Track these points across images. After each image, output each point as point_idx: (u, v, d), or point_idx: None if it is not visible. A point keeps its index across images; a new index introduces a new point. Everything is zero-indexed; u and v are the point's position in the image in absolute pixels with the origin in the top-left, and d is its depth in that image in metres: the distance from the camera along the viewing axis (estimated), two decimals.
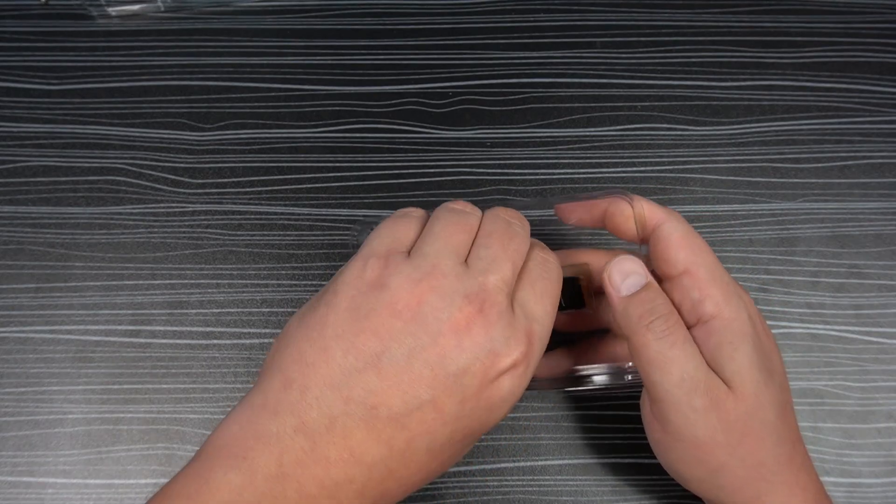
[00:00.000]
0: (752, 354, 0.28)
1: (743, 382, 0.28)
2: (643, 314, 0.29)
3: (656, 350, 0.28)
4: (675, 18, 0.47)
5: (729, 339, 0.28)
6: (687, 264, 0.30)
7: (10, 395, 0.37)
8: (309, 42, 0.46)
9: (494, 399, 0.26)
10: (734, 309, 0.29)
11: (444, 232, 0.28)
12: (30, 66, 0.44)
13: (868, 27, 0.47)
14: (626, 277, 0.30)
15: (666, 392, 0.28)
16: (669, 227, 0.30)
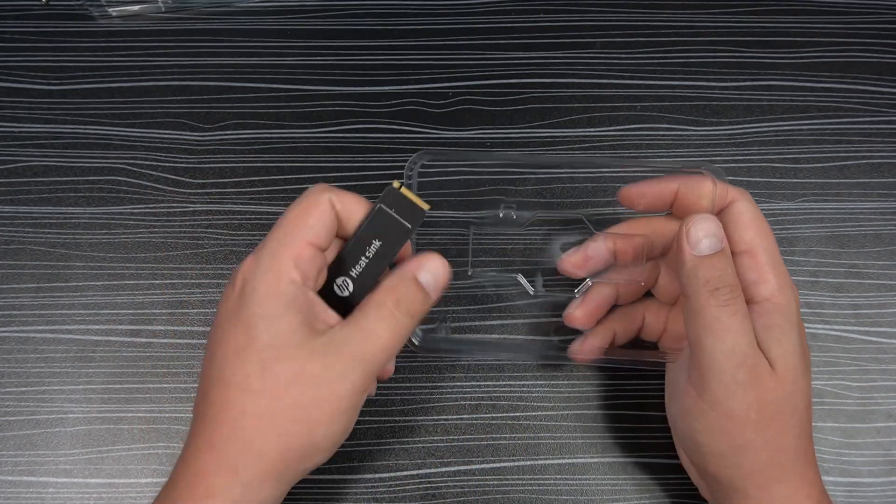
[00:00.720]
0: (797, 343, 0.29)
1: (786, 366, 0.29)
2: (711, 278, 0.29)
3: (715, 317, 0.29)
4: (674, 19, 0.47)
5: (779, 322, 0.29)
6: (751, 245, 0.30)
7: (11, 394, 0.37)
8: (309, 42, 0.46)
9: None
10: (786, 296, 0.30)
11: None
12: (30, 67, 0.44)
13: (867, 27, 0.47)
14: (706, 236, 0.30)
15: (714, 360, 0.29)
16: (741, 206, 0.31)
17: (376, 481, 0.36)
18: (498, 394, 0.38)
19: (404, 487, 0.36)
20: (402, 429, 0.37)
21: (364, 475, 0.37)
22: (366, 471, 0.37)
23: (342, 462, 0.37)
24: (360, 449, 0.37)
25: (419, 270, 0.29)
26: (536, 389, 0.38)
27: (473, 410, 0.38)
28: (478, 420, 0.38)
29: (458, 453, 0.37)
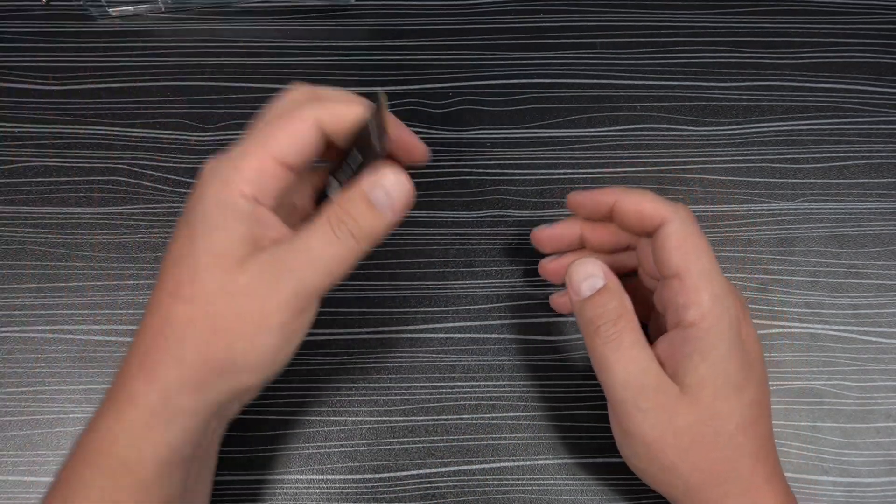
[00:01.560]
0: (719, 369, 0.29)
1: (700, 393, 0.28)
2: (594, 317, 0.30)
3: (602, 353, 0.30)
4: (674, 19, 0.47)
5: (700, 348, 0.29)
6: (679, 268, 0.30)
7: (12, 394, 0.37)
8: (309, 42, 0.46)
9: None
10: (714, 319, 0.29)
11: None
12: (31, 67, 0.44)
13: (867, 28, 0.47)
14: (584, 279, 0.31)
15: (612, 393, 0.30)
16: (669, 228, 0.30)
17: (376, 481, 0.36)
18: (498, 394, 0.38)
19: (404, 487, 0.36)
20: (401, 429, 0.37)
21: (364, 475, 0.37)
22: (366, 471, 0.37)
23: (342, 462, 0.37)
24: (361, 449, 0.37)
25: (370, 186, 0.27)
26: (536, 389, 0.38)
27: (473, 410, 0.38)
28: (478, 420, 0.38)
29: (458, 453, 0.37)
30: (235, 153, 0.27)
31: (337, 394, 0.38)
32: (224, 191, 0.26)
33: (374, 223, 0.27)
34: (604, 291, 0.30)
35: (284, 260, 0.26)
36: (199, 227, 0.26)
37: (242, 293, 0.26)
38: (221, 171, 0.26)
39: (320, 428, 0.37)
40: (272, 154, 0.26)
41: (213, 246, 0.26)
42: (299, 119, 0.26)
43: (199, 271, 0.26)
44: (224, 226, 0.26)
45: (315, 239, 0.26)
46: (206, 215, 0.26)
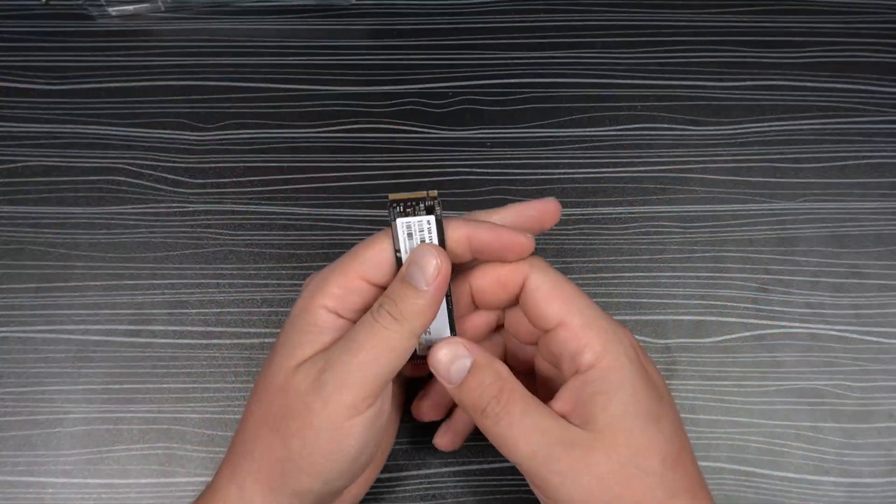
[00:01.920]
0: (629, 402, 0.27)
1: (616, 432, 0.27)
2: (475, 401, 0.28)
3: (495, 433, 0.28)
4: (675, 18, 0.47)
5: (605, 388, 0.27)
6: (560, 317, 0.28)
7: (11, 394, 0.37)
8: (309, 42, 0.46)
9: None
10: (612, 356, 0.27)
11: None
12: (30, 66, 0.44)
13: (868, 27, 0.47)
14: (451, 364, 0.28)
15: (522, 466, 0.27)
16: (534, 280, 0.29)
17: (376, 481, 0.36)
18: None
19: (405, 488, 0.36)
20: (401, 429, 0.37)
21: None
22: None
23: None
24: None
25: (405, 266, 0.27)
26: None
27: None
28: None
29: (459, 453, 0.37)
30: (325, 271, 0.29)
31: None
32: (309, 303, 0.28)
33: (412, 300, 0.27)
34: (475, 371, 0.28)
35: (330, 359, 0.27)
36: (283, 334, 0.29)
37: (293, 392, 0.27)
38: (311, 285, 0.29)
39: None
40: (356, 270, 0.28)
41: (288, 350, 0.28)
42: (380, 241, 0.28)
43: (271, 368, 0.28)
44: (301, 335, 0.28)
45: (359, 331, 0.27)
46: (291, 324, 0.28)
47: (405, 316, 0.27)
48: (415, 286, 0.27)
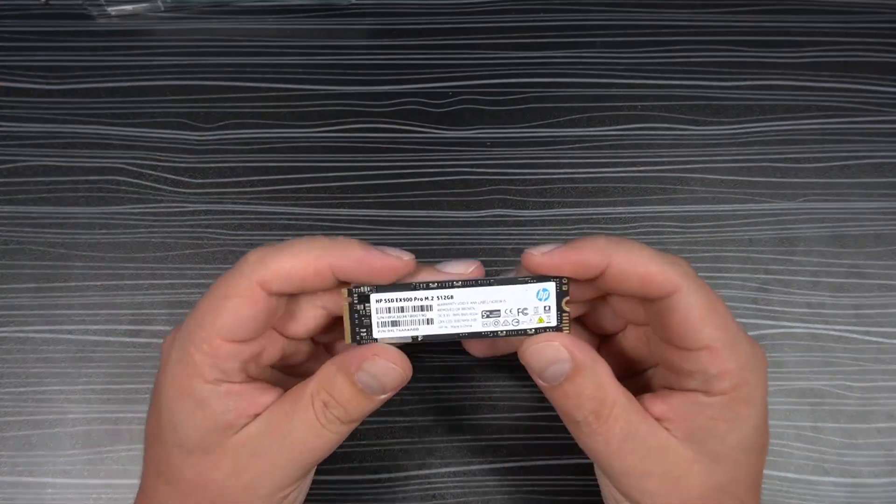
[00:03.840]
0: (747, 437, 0.26)
1: (722, 461, 0.26)
2: (570, 410, 0.25)
3: (589, 446, 0.26)
4: (675, 18, 0.47)
5: (730, 418, 0.25)
6: (710, 340, 0.25)
7: (10, 394, 0.37)
8: (309, 42, 0.46)
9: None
10: (748, 389, 0.25)
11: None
12: (30, 66, 0.44)
13: (869, 27, 0.47)
14: (547, 367, 0.25)
15: (609, 476, 0.26)
16: (689, 299, 0.25)
17: (376, 482, 0.36)
18: (499, 394, 0.38)
19: (404, 488, 0.36)
20: (401, 429, 0.37)
21: (364, 476, 0.37)
22: (366, 471, 0.37)
23: (342, 463, 0.37)
24: (360, 450, 0.37)
25: (359, 368, 0.25)
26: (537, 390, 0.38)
27: (474, 411, 0.38)
28: (478, 420, 0.37)
29: (459, 454, 0.37)
30: (184, 336, 0.25)
31: None
32: (183, 379, 0.25)
33: (362, 407, 0.25)
34: (575, 377, 0.25)
35: (263, 451, 0.25)
36: (165, 416, 0.25)
37: (218, 489, 0.25)
38: (177, 355, 0.25)
39: None
40: (221, 336, 0.25)
41: (179, 439, 0.25)
42: (245, 290, 0.25)
43: (173, 461, 0.25)
44: (187, 419, 0.25)
45: (298, 427, 0.25)
46: (168, 406, 0.25)
47: (352, 419, 0.25)
48: (366, 395, 0.25)
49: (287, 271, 0.25)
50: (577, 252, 0.26)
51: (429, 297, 0.26)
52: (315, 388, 0.25)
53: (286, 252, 0.25)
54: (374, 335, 0.26)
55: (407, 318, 0.26)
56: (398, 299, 0.26)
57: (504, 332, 0.26)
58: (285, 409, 0.25)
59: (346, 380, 0.25)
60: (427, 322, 0.26)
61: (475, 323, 0.26)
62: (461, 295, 0.26)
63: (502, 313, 0.26)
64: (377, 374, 0.25)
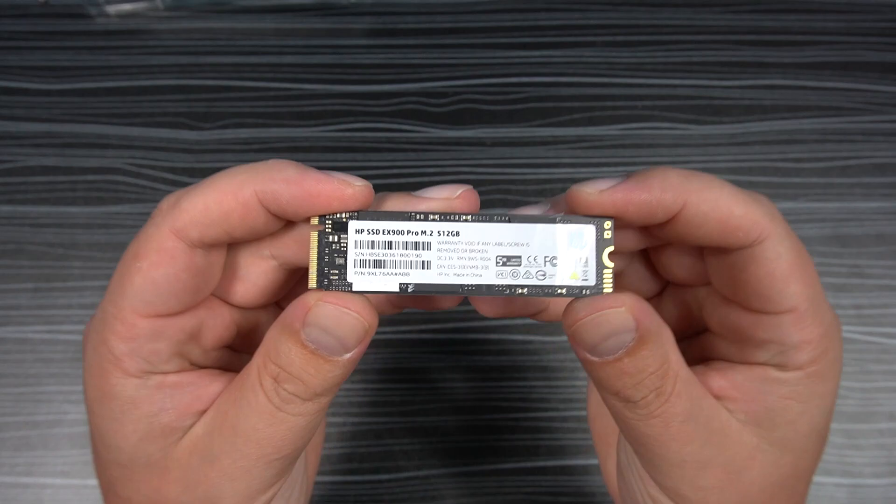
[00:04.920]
0: (819, 420, 0.22)
1: (790, 450, 0.21)
2: (625, 389, 0.19)
3: (639, 430, 0.20)
4: (675, 18, 0.47)
5: (805, 398, 0.21)
6: (795, 301, 0.20)
7: (9, 395, 0.37)
8: (308, 41, 0.45)
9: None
10: (828, 362, 0.21)
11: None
12: (28, 66, 0.44)
13: (870, 26, 0.47)
14: (605, 339, 0.19)
15: (656, 471, 0.21)
16: (776, 248, 0.20)
17: (376, 483, 0.36)
18: (498, 395, 0.38)
19: (404, 489, 0.36)
20: (401, 430, 0.37)
21: (364, 476, 0.36)
22: (366, 472, 0.36)
23: (342, 463, 0.36)
24: (360, 450, 0.37)
25: (303, 324, 0.18)
26: (537, 391, 0.38)
27: (473, 412, 0.38)
28: (478, 421, 0.37)
29: (459, 455, 0.37)
30: (104, 308, 0.20)
31: (336, 396, 0.38)
32: (101, 376, 0.19)
33: (323, 375, 0.19)
34: (639, 349, 0.19)
35: (216, 456, 0.19)
36: (93, 426, 0.20)
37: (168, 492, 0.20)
38: (94, 343, 0.20)
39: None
40: (135, 309, 0.19)
41: (112, 454, 0.20)
42: (150, 251, 0.19)
43: (115, 481, 0.20)
44: (115, 428, 0.19)
45: (248, 416, 0.19)
46: (92, 413, 0.20)
47: (317, 392, 0.19)
48: (328, 357, 0.19)
49: (204, 210, 0.19)
50: (646, 189, 0.20)
51: (427, 230, 0.20)
52: (261, 361, 0.19)
53: (203, 186, 0.19)
54: (349, 278, 0.19)
55: (396, 257, 0.20)
56: (386, 231, 0.20)
57: (526, 290, 0.20)
58: (233, 395, 0.19)
59: (293, 341, 0.18)
60: (423, 266, 0.20)
61: (487, 272, 0.20)
62: (470, 232, 0.20)
63: (524, 261, 0.20)
64: (328, 326, 0.19)
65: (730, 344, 0.22)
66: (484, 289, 0.20)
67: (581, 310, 0.19)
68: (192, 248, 0.19)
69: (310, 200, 0.19)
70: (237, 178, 0.19)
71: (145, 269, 0.19)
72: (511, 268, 0.20)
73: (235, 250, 0.22)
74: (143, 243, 0.19)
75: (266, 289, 0.22)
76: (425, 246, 0.20)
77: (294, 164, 0.19)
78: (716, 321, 0.23)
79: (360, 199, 0.20)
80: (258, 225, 0.20)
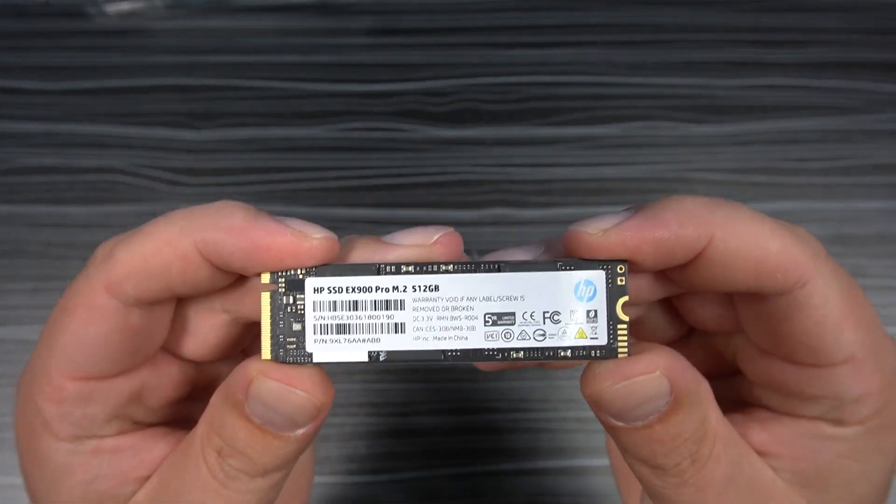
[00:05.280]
0: (879, 478, 0.19)
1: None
2: (657, 456, 0.17)
3: (670, 497, 0.18)
4: (677, 17, 0.47)
5: (865, 458, 0.18)
6: (851, 351, 0.18)
7: (8, 395, 0.37)
8: (308, 41, 0.45)
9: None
10: (890, 414, 0.18)
11: None
12: (27, 66, 0.44)
13: (872, 25, 0.47)
14: (636, 407, 0.16)
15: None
16: (821, 291, 0.17)
17: (376, 483, 0.36)
18: (498, 396, 0.38)
19: (404, 489, 0.36)
20: (402, 431, 0.37)
21: (364, 476, 0.36)
22: (366, 472, 0.36)
23: (342, 463, 0.36)
24: (360, 451, 0.37)
25: (246, 396, 0.16)
26: (537, 391, 0.38)
27: (473, 412, 0.37)
28: (478, 422, 0.37)
29: (458, 455, 0.37)
30: (33, 363, 0.18)
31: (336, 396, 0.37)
32: (30, 438, 0.18)
33: (272, 452, 0.17)
34: (675, 413, 0.16)
35: None
36: (29, 490, 0.19)
37: None
38: (23, 400, 0.18)
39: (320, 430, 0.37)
40: (62, 370, 0.17)
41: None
42: (78, 307, 0.17)
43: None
44: (46, 496, 0.18)
45: (190, 490, 0.17)
46: (24, 474, 0.18)
47: (268, 468, 0.17)
48: (275, 433, 0.16)
49: (140, 262, 0.16)
50: (661, 224, 0.16)
51: (400, 286, 0.17)
52: (204, 431, 0.17)
53: (140, 234, 0.17)
54: (308, 347, 0.17)
55: (363, 320, 0.17)
56: (351, 288, 0.17)
57: (522, 354, 0.17)
58: (176, 465, 0.17)
59: (236, 414, 0.16)
60: (396, 329, 0.17)
61: (474, 334, 0.17)
62: (452, 285, 0.17)
63: (518, 319, 0.17)
64: (271, 403, 0.16)
65: (772, 392, 0.19)
66: (471, 354, 0.17)
67: (605, 377, 0.16)
68: (126, 308, 0.17)
69: (258, 254, 0.16)
70: (175, 225, 0.16)
71: (73, 328, 0.17)
72: (503, 327, 0.17)
73: (183, 302, 0.19)
74: (72, 296, 0.17)
75: (219, 345, 0.20)
76: (398, 305, 0.17)
77: (243, 209, 0.17)
78: (754, 373, 0.20)
79: (319, 254, 0.17)
80: (201, 280, 0.17)
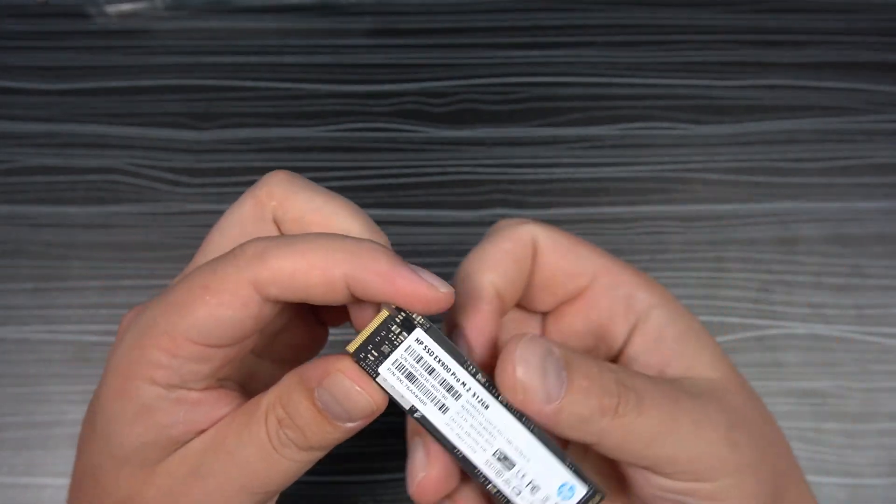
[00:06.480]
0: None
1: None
2: (593, 403, 0.20)
3: (633, 429, 0.20)
4: (676, 17, 0.47)
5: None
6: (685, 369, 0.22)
7: (8, 395, 0.37)
8: (308, 41, 0.45)
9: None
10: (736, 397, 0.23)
11: None
12: (27, 66, 0.44)
13: (871, 26, 0.47)
14: (544, 379, 0.20)
15: (667, 470, 0.21)
16: (659, 317, 0.22)
17: (376, 483, 0.36)
18: None
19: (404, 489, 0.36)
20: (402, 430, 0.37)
21: (364, 476, 0.36)
22: (366, 472, 0.36)
23: (342, 463, 0.36)
24: (360, 450, 0.37)
25: (319, 383, 0.19)
26: None
27: None
28: None
29: None
30: (144, 323, 0.20)
31: None
32: (127, 376, 0.20)
33: (323, 434, 0.20)
34: (576, 367, 0.20)
35: (206, 474, 0.20)
36: (101, 418, 0.20)
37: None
38: (127, 347, 0.20)
39: None
40: (188, 335, 0.19)
41: (111, 448, 0.20)
42: (223, 291, 0.19)
43: (101, 472, 0.20)
44: (124, 428, 0.20)
45: (247, 446, 0.20)
46: (105, 408, 0.20)
47: (311, 448, 0.20)
48: (332, 422, 0.20)
49: (290, 274, 0.19)
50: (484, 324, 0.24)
51: (467, 385, 0.20)
52: (272, 401, 0.20)
53: (293, 248, 0.19)
54: (381, 369, 0.20)
55: (427, 384, 0.20)
56: (438, 359, 0.20)
57: (496, 490, 0.21)
58: (237, 423, 0.20)
59: (305, 396, 0.19)
60: (440, 408, 0.20)
61: (480, 454, 0.20)
62: (497, 413, 0.20)
63: (514, 469, 0.21)
64: (339, 396, 0.19)
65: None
66: (470, 465, 0.21)
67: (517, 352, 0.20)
68: (264, 302, 0.19)
69: (395, 297, 0.19)
70: (332, 255, 0.19)
71: (213, 306, 0.19)
72: (501, 465, 0.21)
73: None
74: (218, 280, 0.19)
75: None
76: (455, 395, 0.20)
77: (386, 254, 0.19)
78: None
79: (441, 305, 0.20)
80: (336, 299, 0.20)
